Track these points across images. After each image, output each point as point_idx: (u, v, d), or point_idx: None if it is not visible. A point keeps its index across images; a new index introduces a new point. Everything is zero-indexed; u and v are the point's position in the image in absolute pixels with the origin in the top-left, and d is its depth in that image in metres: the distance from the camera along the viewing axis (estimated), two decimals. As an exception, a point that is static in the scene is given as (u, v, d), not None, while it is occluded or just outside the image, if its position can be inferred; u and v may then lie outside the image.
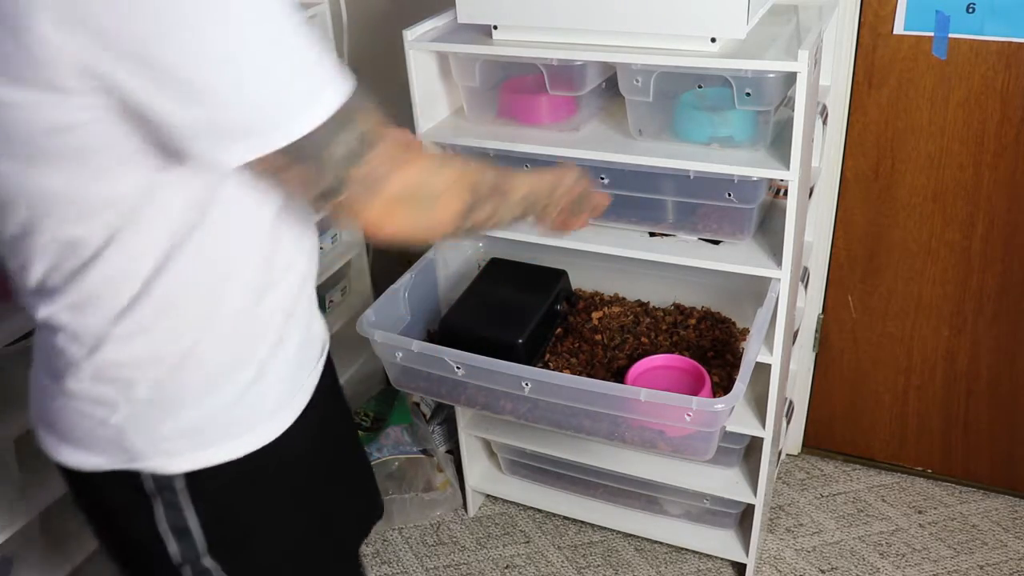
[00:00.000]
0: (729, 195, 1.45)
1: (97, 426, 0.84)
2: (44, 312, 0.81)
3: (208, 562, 0.91)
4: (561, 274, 1.70)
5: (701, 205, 1.51)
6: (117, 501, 0.90)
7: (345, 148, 0.73)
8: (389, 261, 2.02)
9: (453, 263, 1.80)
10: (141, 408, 0.84)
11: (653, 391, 1.36)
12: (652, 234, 1.57)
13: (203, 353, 0.84)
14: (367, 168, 0.76)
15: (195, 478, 0.87)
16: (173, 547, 0.90)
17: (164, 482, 0.87)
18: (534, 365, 1.52)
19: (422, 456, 1.99)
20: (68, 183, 0.73)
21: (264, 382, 0.89)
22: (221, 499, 0.90)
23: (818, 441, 2.16)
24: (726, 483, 1.74)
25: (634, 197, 1.53)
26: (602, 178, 1.52)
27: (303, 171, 0.74)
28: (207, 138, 0.70)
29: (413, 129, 1.60)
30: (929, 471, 2.07)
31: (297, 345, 0.92)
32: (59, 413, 0.86)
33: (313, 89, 0.71)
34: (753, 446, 1.71)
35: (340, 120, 0.72)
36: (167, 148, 0.72)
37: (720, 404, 1.32)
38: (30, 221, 0.76)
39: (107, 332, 0.80)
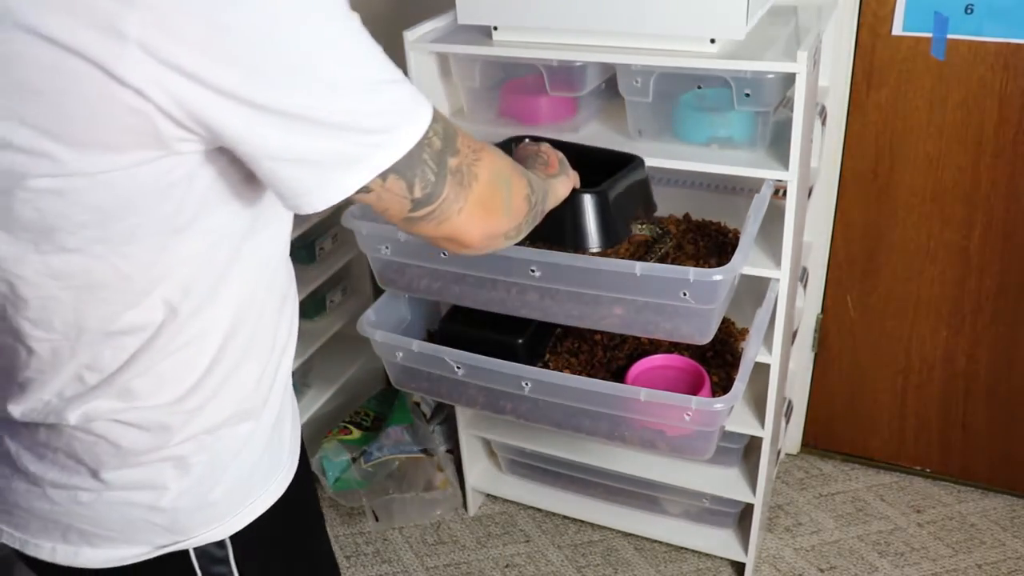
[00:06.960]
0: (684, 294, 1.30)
1: (144, 513, 0.78)
2: (78, 412, 0.73)
3: None
4: None
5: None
6: None
7: (440, 140, 0.71)
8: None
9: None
10: (193, 482, 0.78)
11: (653, 391, 1.37)
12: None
13: (246, 410, 0.80)
14: (460, 156, 0.73)
15: (241, 538, 0.83)
16: None
17: (212, 552, 0.82)
18: (534, 365, 1.52)
19: (422, 456, 1.99)
20: (124, 263, 0.67)
21: (284, 424, 0.87)
22: (263, 552, 0.86)
23: (817, 441, 2.17)
24: (725, 482, 1.74)
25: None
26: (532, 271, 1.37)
27: (405, 182, 0.69)
28: (332, 170, 0.65)
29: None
30: (927, 470, 2.08)
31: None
32: (86, 510, 0.78)
33: (413, 93, 0.69)
34: (752, 446, 1.72)
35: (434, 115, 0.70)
36: (243, 195, 0.70)
37: (719, 404, 1.32)
38: (64, 320, 0.69)
39: (170, 413, 0.75)
